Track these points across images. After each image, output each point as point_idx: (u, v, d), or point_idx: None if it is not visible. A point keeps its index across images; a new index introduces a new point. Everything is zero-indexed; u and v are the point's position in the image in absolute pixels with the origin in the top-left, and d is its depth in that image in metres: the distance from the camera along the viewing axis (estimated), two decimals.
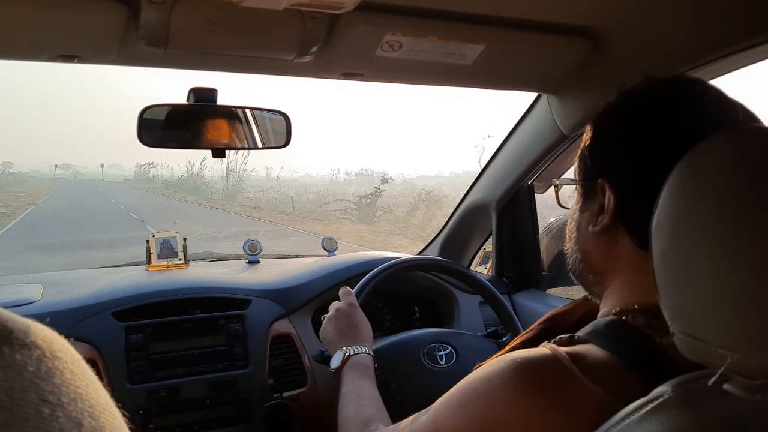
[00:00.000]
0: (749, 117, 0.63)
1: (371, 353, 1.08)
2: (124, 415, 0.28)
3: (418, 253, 2.02)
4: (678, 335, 0.49)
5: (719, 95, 0.65)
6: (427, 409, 0.69)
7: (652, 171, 0.59)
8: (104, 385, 0.28)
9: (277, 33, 0.95)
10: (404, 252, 1.82)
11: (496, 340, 1.34)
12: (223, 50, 1.00)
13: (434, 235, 2.03)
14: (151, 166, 39.27)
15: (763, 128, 0.48)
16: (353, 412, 0.93)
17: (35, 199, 21.73)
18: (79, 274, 1.63)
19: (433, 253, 1.96)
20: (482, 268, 1.94)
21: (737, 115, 0.63)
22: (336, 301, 1.19)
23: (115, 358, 1.25)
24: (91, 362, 0.28)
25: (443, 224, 1.98)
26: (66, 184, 39.62)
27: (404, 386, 1.16)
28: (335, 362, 1.07)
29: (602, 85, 1.16)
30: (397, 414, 0.85)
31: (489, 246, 1.88)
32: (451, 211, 1.96)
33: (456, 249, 1.95)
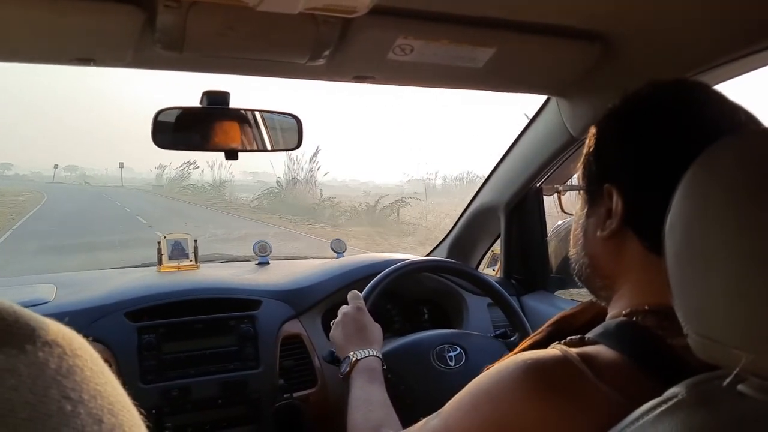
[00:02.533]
0: (751, 119, 0.64)
1: (379, 356, 1.08)
2: (141, 413, 0.28)
3: (427, 255, 2.03)
4: (692, 336, 0.49)
5: (721, 98, 0.66)
6: (438, 412, 0.69)
7: (659, 174, 0.60)
8: None
9: (291, 37, 0.96)
10: (414, 253, 1.83)
11: (504, 341, 1.34)
12: (237, 53, 1.01)
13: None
14: (192, 166, 28.59)
15: None
16: (362, 417, 0.94)
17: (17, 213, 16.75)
18: (92, 275, 1.65)
19: (441, 255, 1.97)
20: (490, 270, 1.94)
21: (740, 117, 0.64)
22: (344, 305, 1.19)
23: (128, 357, 1.26)
24: (104, 362, 0.28)
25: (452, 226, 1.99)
26: (65, 192, 30.88)
27: (414, 389, 1.17)
28: (344, 367, 1.07)
29: (611, 88, 1.17)
30: (408, 416, 0.86)
31: (497, 248, 1.89)
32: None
33: (464, 251, 1.96)
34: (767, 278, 0.43)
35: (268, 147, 1.29)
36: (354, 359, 1.06)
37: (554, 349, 0.60)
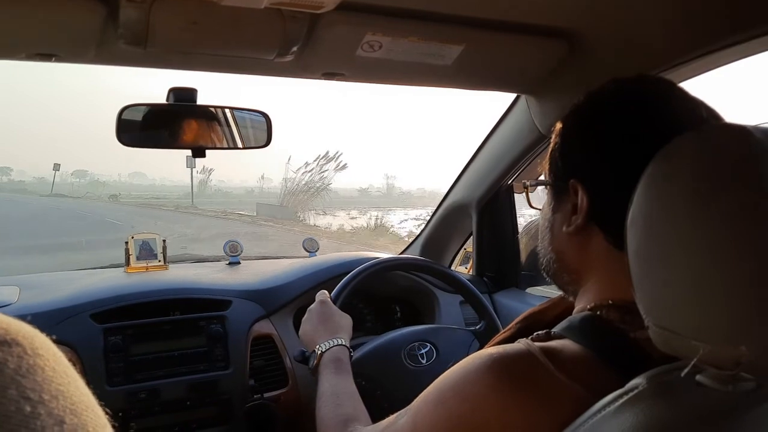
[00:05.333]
0: (712, 114, 0.65)
1: (345, 344, 1.07)
2: (106, 413, 0.28)
3: (400, 254, 2.03)
4: (653, 328, 0.50)
5: (683, 94, 0.67)
6: (407, 408, 0.69)
7: (622, 169, 0.60)
8: None
9: (258, 32, 0.95)
10: (387, 252, 1.83)
11: (472, 330, 1.35)
12: (203, 49, 1.00)
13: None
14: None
15: (732, 125, 0.49)
16: (330, 412, 0.93)
17: None
18: (57, 277, 1.61)
19: (414, 253, 1.97)
20: (463, 268, 1.95)
21: (701, 112, 0.64)
22: (312, 304, 1.18)
23: (94, 360, 1.23)
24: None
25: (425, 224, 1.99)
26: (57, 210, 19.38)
27: (390, 392, 1.16)
28: (311, 362, 1.06)
29: (579, 86, 1.17)
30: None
31: (470, 246, 1.90)
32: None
33: (437, 249, 1.96)
34: (723, 271, 0.44)
35: (237, 145, 1.28)
36: (319, 351, 1.05)
37: (518, 344, 0.60)
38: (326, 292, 1.21)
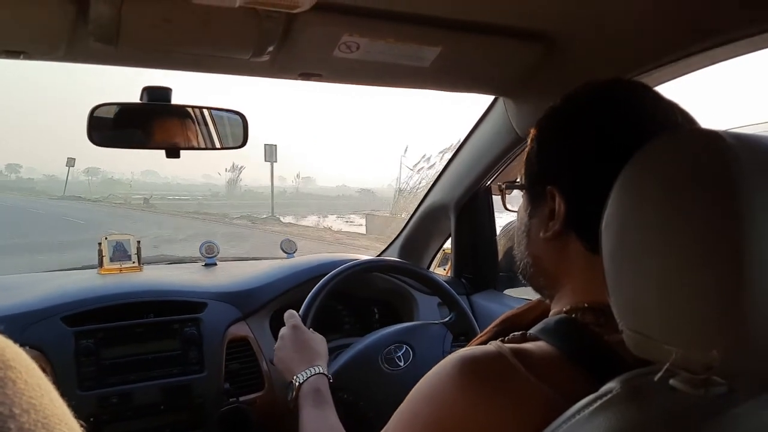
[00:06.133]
0: (686, 118, 0.65)
1: (324, 371, 1.04)
2: (81, 426, 0.28)
3: (379, 255, 2.02)
4: (626, 331, 0.50)
5: (657, 96, 0.67)
6: (385, 428, 0.67)
7: (598, 175, 0.59)
8: None
9: (232, 31, 0.94)
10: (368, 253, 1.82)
11: (443, 321, 1.35)
12: (176, 48, 0.98)
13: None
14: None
15: (704, 130, 0.50)
16: None
17: None
18: (27, 278, 1.57)
19: (393, 255, 1.97)
20: (441, 270, 1.95)
21: (675, 116, 0.65)
22: (283, 328, 1.15)
23: (65, 364, 1.21)
24: (41, 371, 0.27)
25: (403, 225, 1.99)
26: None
27: (372, 400, 1.15)
28: (289, 394, 1.03)
29: (556, 88, 1.17)
30: (376, 430, 0.83)
31: (448, 247, 1.90)
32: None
33: (416, 250, 1.96)
34: (696, 275, 0.44)
35: (213, 145, 1.26)
36: (297, 383, 1.02)
37: (489, 345, 0.60)
38: (294, 312, 1.18)
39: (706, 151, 0.47)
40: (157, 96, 1.16)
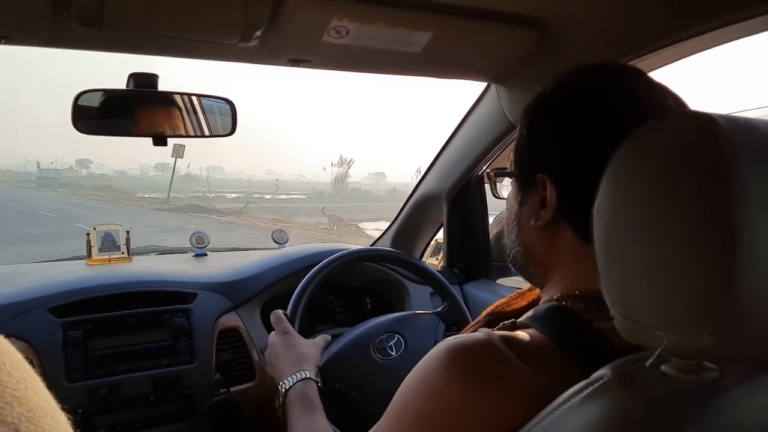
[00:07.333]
0: (678, 102, 0.64)
1: (310, 375, 1.03)
2: (69, 418, 0.26)
3: (371, 245, 2.01)
4: (618, 318, 0.49)
5: (649, 81, 0.65)
6: (376, 425, 0.66)
7: (589, 162, 0.58)
8: None
9: (219, 15, 0.92)
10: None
11: (435, 311, 1.34)
12: (161, 32, 0.96)
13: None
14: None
15: (697, 113, 0.49)
16: None
17: None
18: (14, 269, 1.55)
19: (385, 245, 1.96)
20: (434, 259, 1.94)
21: (667, 100, 0.63)
22: (272, 333, 1.14)
23: (52, 355, 1.19)
24: (27, 363, 0.26)
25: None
26: None
27: (365, 390, 1.14)
28: (277, 400, 1.02)
29: (549, 75, 1.16)
30: (368, 419, 0.82)
31: (441, 237, 1.89)
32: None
33: (408, 240, 1.95)
34: (687, 261, 0.43)
35: (200, 132, 1.24)
36: (283, 389, 1.01)
37: (478, 333, 0.59)
38: (280, 314, 1.16)
39: (698, 134, 0.46)
40: (144, 83, 1.14)
